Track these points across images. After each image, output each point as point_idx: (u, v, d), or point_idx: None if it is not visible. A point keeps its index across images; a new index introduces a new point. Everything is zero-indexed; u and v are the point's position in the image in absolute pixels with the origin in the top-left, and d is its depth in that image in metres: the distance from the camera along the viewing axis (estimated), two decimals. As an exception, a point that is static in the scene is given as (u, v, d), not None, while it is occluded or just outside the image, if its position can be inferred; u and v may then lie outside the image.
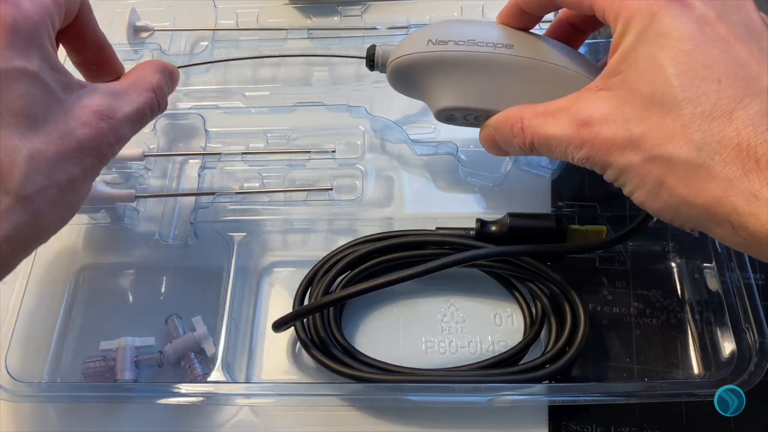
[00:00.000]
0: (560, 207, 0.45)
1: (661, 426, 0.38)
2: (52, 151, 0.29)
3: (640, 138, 0.29)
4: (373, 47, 0.40)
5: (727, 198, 0.27)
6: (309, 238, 0.45)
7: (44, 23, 0.30)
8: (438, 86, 0.38)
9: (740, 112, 0.27)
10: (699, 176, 0.27)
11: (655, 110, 0.29)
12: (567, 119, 0.31)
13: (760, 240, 0.26)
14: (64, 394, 0.40)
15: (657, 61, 0.29)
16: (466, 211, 0.45)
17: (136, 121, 0.34)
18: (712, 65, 0.28)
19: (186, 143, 0.49)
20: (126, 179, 0.46)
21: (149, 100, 0.34)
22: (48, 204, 0.29)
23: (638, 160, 0.29)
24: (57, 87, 0.30)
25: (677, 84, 0.28)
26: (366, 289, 0.38)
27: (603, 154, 0.30)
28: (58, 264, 0.45)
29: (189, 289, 0.44)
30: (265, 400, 0.40)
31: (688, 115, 0.28)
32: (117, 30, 0.51)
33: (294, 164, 0.46)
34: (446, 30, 0.37)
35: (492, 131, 0.36)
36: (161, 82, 0.35)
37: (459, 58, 0.37)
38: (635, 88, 0.29)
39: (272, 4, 0.54)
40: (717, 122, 0.27)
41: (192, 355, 0.41)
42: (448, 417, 0.39)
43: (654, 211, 0.30)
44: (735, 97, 0.27)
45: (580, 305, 0.38)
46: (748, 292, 0.38)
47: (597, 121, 0.30)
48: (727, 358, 0.38)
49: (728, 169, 0.27)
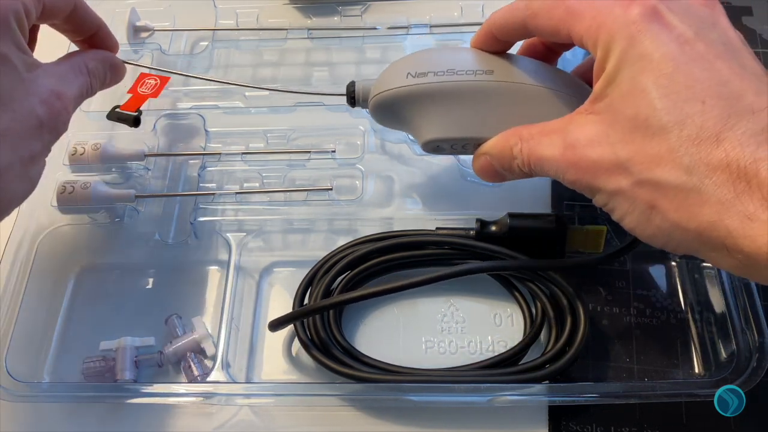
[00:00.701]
0: (560, 207, 0.45)
1: (661, 426, 0.38)
2: (16, 128, 0.31)
3: (627, 161, 0.29)
4: (352, 84, 0.40)
5: (721, 221, 0.26)
6: (309, 238, 0.45)
7: (15, 8, 0.32)
8: (422, 119, 0.38)
9: (727, 133, 0.27)
10: (690, 200, 0.27)
11: (640, 133, 0.28)
12: (558, 141, 0.31)
13: (757, 262, 0.26)
14: (64, 394, 0.40)
15: (640, 85, 0.29)
16: (466, 211, 0.44)
17: (77, 102, 0.36)
18: (694, 86, 0.28)
19: (186, 143, 0.49)
20: (126, 179, 0.46)
21: (85, 83, 0.37)
22: (13, 178, 0.31)
23: (627, 184, 0.29)
24: (22, 67, 0.32)
25: (661, 107, 0.28)
26: (368, 294, 0.38)
27: (590, 177, 0.30)
28: (58, 264, 0.45)
29: (189, 289, 0.44)
30: (264, 401, 0.40)
31: (674, 138, 0.27)
32: (117, 30, 0.51)
33: (294, 164, 0.46)
34: (424, 61, 0.37)
35: (489, 158, 0.36)
36: (96, 69, 0.38)
37: (440, 89, 0.37)
38: (620, 111, 0.29)
39: (272, 4, 0.54)
40: (704, 145, 0.27)
41: (192, 355, 0.41)
42: (448, 417, 0.39)
43: (645, 237, 0.30)
44: (720, 117, 0.27)
45: (580, 305, 0.38)
46: (747, 292, 0.38)
47: (583, 144, 0.30)
48: (727, 358, 0.38)
49: (720, 192, 0.26)
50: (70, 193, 0.43)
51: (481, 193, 0.46)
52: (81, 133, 0.46)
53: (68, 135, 0.46)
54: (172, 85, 0.50)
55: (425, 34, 0.51)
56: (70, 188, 0.43)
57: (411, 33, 0.51)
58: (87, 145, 0.45)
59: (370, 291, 0.39)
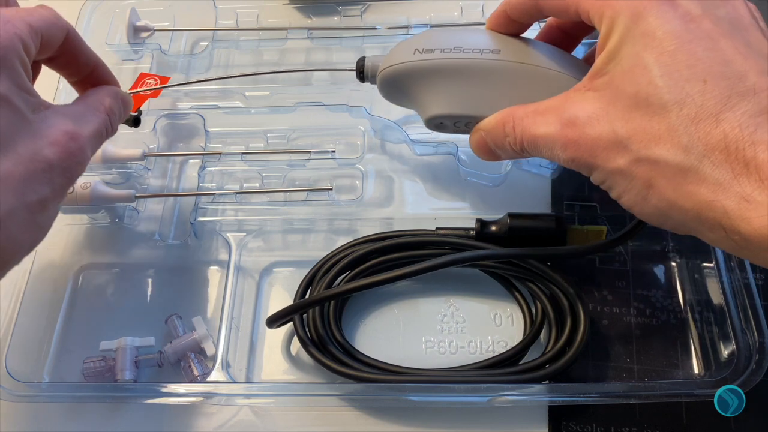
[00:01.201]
0: (560, 207, 0.45)
1: (661, 426, 0.38)
2: (20, 171, 0.29)
3: (627, 139, 0.29)
4: (362, 59, 0.40)
5: (718, 202, 0.26)
6: (309, 238, 0.45)
7: (14, 47, 0.30)
8: (427, 94, 0.38)
9: (727, 114, 0.27)
10: (688, 179, 0.27)
11: (640, 111, 0.28)
12: (554, 118, 0.31)
13: (754, 244, 0.26)
14: (64, 394, 0.40)
15: (642, 62, 0.29)
16: (466, 211, 0.45)
17: (95, 142, 0.34)
18: (696, 65, 0.28)
19: (186, 143, 0.49)
20: (126, 179, 0.46)
21: (104, 121, 0.35)
22: (17, 226, 0.29)
23: (625, 162, 0.29)
24: (26, 108, 0.30)
25: (662, 85, 0.28)
26: (363, 285, 0.38)
27: (588, 154, 0.30)
28: (58, 264, 0.45)
29: (189, 289, 0.44)
30: (264, 400, 0.40)
31: (674, 117, 0.27)
32: (117, 30, 0.52)
33: (294, 164, 0.46)
34: (433, 38, 0.38)
35: (483, 135, 0.36)
36: (113, 106, 0.36)
37: (446, 66, 0.37)
38: (621, 88, 0.29)
39: (272, 4, 0.54)
40: (704, 124, 0.27)
41: (192, 355, 0.41)
42: (448, 417, 0.39)
43: (643, 215, 0.30)
44: (721, 97, 0.27)
45: (580, 305, 0.38)
46: (747, 292, 0.38)
47: (582, 121, 0.30)
48: (727, 358, 0.38)
49: (717, 173, 0.26)
50: (69, 193, 0.43)
51: (481, 193, 0.46)
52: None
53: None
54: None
55: (425, 34, 0.51)
56: (70, 188, 0.43)
57: (411, 33, 0.51)
58: (87, 145, 0.45)
59: (368, 281, 0.38)
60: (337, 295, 0.39)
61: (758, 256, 0.27)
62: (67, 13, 0.50)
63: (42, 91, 0.32)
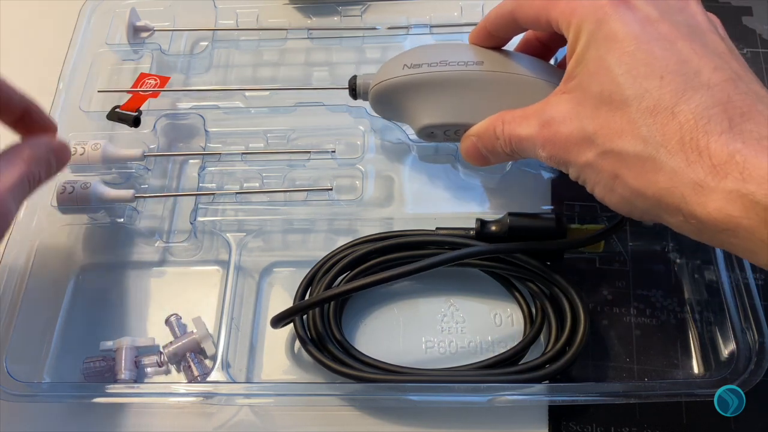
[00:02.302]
0: (560, 207, 0.45)
1: (661, 426, 0.38)
2: None
3: (593, 134, 0.31)
4: (354, 78, 0.43)
5: (676, 188, 0.28)
6: (309, 239, 0.45)
7: None
8: (417, 106, 0.40)
9: (682, 106, 0.29)
10: (647, 168, 0.29)
11: (605, 108, 0.31)
12: (535, 121, 0.34)
13: (709, 227, 0.28)
14: (64, 394, 0.40)
15: (605, 63, 0.31)
16: (466, 211, 0.45)
17: (16, 192, 0.33)
18: (654, 63, 0.30)
19: (186, 143, 0.49)
20: (126, 179, 0.46)
21: (23, 173, 0.34)
22: None
23: (593, 155, 0.31)
24: None
25: (623, 82, 0.30)
26: (364, 285, 0.38)
27: (563, 151, 0.32)
28: (58, 264, 0.45)
29: (189, 289, 0.44)
30: (265, 400, 0.40)
31: (634, 111, 0.30)
32: (117, 30, 0.52)
33: (294, 164, 0.46)
34: (419, 54, 0.40)
35: (475, 140, 0.39)
36: (36, 154, 0.35)
37: (434, 78, 0.39)
38: (588, 89, 0.32)
39: (272, 4, 0.54)
40: (661, 116, 0.29)
41: (192, 355, 0.41)
42: (448, 417, 0.39)
43: (612, 204, 0.32)
44: (677, 92, 0.29)
45: (580, 305, 0.38)
46: (747, 292, 0.38)
47: (557, 121, 0.33)
48: (727, 358, 0.38)
49: (673, 161, 0.28)
50: (69, 193, 0.43)
51: (481, 193, 0.46)
52: (81, 133, 0.46)
53: (68, 135, 0.46)
54: (172, 85, 0.51)
55: (425, 34, 0.51)
56: (70, 188, 0.43)
57: (411, 33, 0.51)
58: (87, 145, 0.45)
59: (371, 279, 0.38)
60: (341, 294, 0.39)
61: (715, 239, 0.29)
62: (66, 14, 0.51)
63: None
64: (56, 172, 0.37)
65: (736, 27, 0.52)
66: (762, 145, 0.27)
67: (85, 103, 0.49)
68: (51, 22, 0.57)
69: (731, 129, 0.28)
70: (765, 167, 0.26)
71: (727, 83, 0.29)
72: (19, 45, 0.56)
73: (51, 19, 0.57)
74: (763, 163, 0.26)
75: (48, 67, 0.49)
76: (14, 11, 0.58)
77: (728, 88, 0.29)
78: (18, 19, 0.57)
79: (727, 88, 0.29)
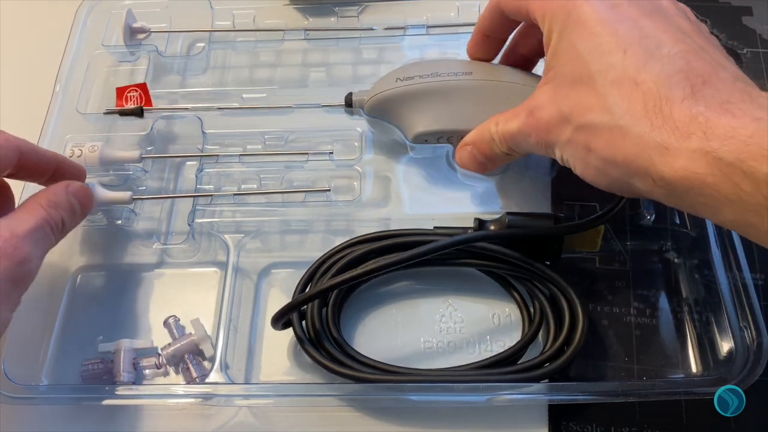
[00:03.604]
0: (560, 207, 0.45)
1: (660, 426, 0.38)
2: None
3: (569, 114, 0.33)
4: (350, 94, 0.45)
5: (643, 152, 0.29)
6: (307, 239, 0.45)
7: None
8: (410, 116, 0.43)
9: (644, 76, 0.30)
10: (615, 136, 0.30)
11: (576, 88, 0.32)
12: (522, 114, 0.36)
13: (677, 188, 0.29)
14: (63, 397, 0.40)
15: (575, 48, 0.33)
16: (464, 211, 0.44)
17: (37, 238, 0.34)
18: (618, 40, 0.31)
19: (183, 145, 0.49)
20: (123, 181, 0.46)
21: (43, 218, 0.35)
22: None
23: (569, 132, 0.33)
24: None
25: (589, 60, 0.32)
26: (365, 272, 0.38)
27: (545, 135, 0.34)
28: (56, 266, 0.45)
29: (187, 291, 0.44)
30: (263, 401, 0.40)
31: (600, 85, 0.31)
32: (113, 31, 0.51)
33: (291, 165, 0.46)
34: (412, 68, 0.43)
35: (470, 149, 0.40)
36: (55, 200, 0.36)
37: (426, 88, 0.42)
38: (562, 74, 0.34)
39: (269, 4, 0.54)
40: (625, 87, 0.30)
41: (190, 357, 0.41)
42: (447, 417, 0.39)
43: (590, 178, 0.33)
44: (639, 63, 0.30)
45: (578, 304, 0.38)
46: (745, 292, 0.38)
47: (539, 109, 0.34)
48: (726, 357, 0.38)
49: (639, 127, 0.29)
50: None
51: (480, 193, 0.46)
52: (78, 135, 0.46)
53: (65, 137, 0.46)
54: (169, 86, 0.51)
55: (422, 34, 0.51)
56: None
57: (408, 34, 0.51)
58: (84, 147, 0.45)
59: (371, 267, 0.38)
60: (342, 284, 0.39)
61: (683, 201, 0.30)
62: (63, 15, 0.51)
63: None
64: (82, 217, 0.39)
65: (736, 27, 0.52)
66: (723, 108, 0.28)
67: (82, 104, 0.49)
68: (47, 23, 0.57)
69: (693, 95, 0.29)
70: (727, 125, 0.27)
71: (689, 53, 0.30)
72: (16, 47, 0.56)
73: (47, 20, 0.57)
74: (724, 121, 0.27)
75: (44, 69, 0.49)
76: (10, 13, 0.57)
77: (689, 57, 0.30)
78: (14, 21, 0.57)
79: (689, 57, 0.30)
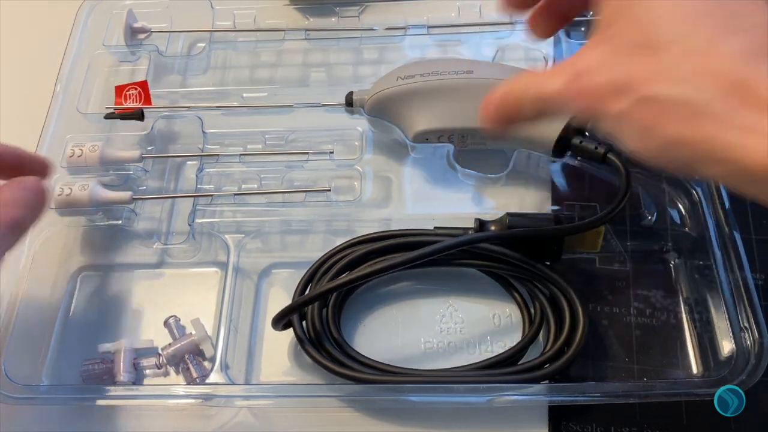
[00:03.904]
0: (560, 207, 0.45)
1: (661, 426, 0.38)
2: None
3: (628, 82, 0.29)
4: (350, 93, 0.45)
5: (718, 133, 0.26)
6: (307, 240, 0.45)
7: None
8: (411, 114, 0.43)
9: (720, 49, 0.27)
10: (686, 114, 0.27)
11: (640, 54, 0.29)
12: (564, 75, 0.32)
13: (758, 177, 0.26)
14: (63, 397, 0.40)
15: (642, 11, 0.30)
16: (465, 211, 0.44)
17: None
18: (690, 7, 0.29)
19: (184, 145, 0.49)
20: (123, 181, 0.46)
21: None
22: None
23: (627, 103, 0.29)
24: None
25: (660, 26, 0.29)
26: (365, 275, 0.38)
27: (596, 102, 0.31)
28: (56, 266, 0.45)
29: (187, 291, 0.44)
30: (263, 402, 0.40)
31: (670, 55, 0.28)
32: (114, 31, 0.51)
33: (292, 165, 0.46)
34: (412, 67, 0.44)
35: (498, 100, 0.35)
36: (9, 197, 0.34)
37: (425, 87, 0.42)
38: (623, 36, 0.30)
39: (269, 5, 0.54)
40: (698, 59, 0.27)
41: (191, 357, 0.41)
42: (447, 418, 0.39)
43: (647, 156, 0.30)
44: (714, 35, 0.28)
45: (578, 305, 0.38)
46: (746, 292, 0.38)
47: (588, 71, 0.31)
48: (726, 357, 0.37)
49: (714, 105, 0.27)
50: (67, 195, 0.43)
51: (480, 194, 0.46)
52: (78, 135, 0.46)
53: (65, 137, 0.46)
54: (169, 86, 0.51)
55: (423, 34, 0.51)
56: (68, 190, 0.43)
57: (408, 34, 0.51)
58: (84, 147, 0.45)
59: (372, 269, 0.38)
60: (342, 286, 0.39)
61: (757, 189, 0.27)
62: (63, 15, 0.51)
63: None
64: (40, 213, 0.36)
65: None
66: None
67: (83, 104, 0.49)
68: (48, 23, 0.57)
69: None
70: None
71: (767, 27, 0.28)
72: (16, 47, 0.56)
73: (48, 20, 0.57)
74: None
75: (45, 69, 0.49)
76: (11, 13, 0.57)
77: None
78: (15, 21, 0.57)
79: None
